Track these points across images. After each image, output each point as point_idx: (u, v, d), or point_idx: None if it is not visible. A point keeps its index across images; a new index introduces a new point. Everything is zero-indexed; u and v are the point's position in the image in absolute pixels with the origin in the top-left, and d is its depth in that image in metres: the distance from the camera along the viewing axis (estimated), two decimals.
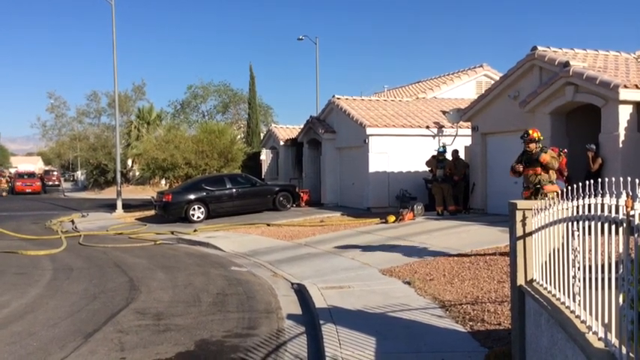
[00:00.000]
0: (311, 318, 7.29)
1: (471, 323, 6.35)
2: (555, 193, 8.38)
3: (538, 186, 9.56)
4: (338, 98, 22.62)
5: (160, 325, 7.13)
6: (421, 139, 20.15)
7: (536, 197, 9.27)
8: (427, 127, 20.44)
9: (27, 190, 46.37)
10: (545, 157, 9.59)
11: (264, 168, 30.47)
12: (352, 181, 21.50)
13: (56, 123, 53.56)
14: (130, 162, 51.26)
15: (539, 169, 9.59)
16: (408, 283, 8.57)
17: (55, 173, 68.87)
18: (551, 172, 9.59)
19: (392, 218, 15.98)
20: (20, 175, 51.18)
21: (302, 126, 26.30)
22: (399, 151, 19.96)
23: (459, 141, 19.70)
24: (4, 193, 40.68)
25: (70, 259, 12.68)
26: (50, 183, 59.46)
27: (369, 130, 19.73)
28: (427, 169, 17.92)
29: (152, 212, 22.52)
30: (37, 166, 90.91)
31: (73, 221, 22.29)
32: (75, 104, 71.85)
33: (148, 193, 38.03)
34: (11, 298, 8.68)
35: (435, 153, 17.44)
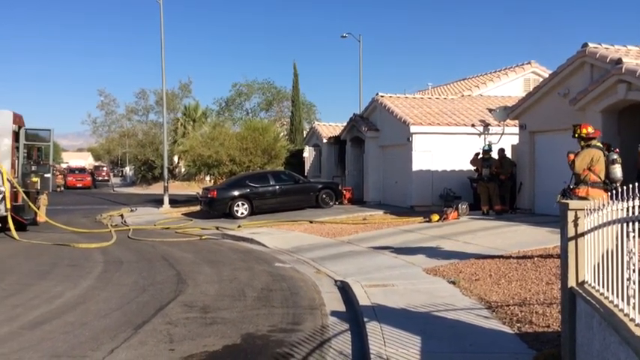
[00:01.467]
0: (355, 315, 7.30)
1: (518, 325, 6.24)
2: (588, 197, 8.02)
3: (572, 186, 9.18)
4: (382, 96, 22.53)
5: (207, 317, 7.27)
6: (466, 138, 19.90)
7: (563, 196, 8.95)
8: (472, 125, 20.16)
9: (78, 185, 48.00)
10: (570, 157, 9.20)
11: (307, 165, 30.62)
12: (395, 179, 21.39)
13: (106, 120, 55.05)
14: (176, 158, 52.28)
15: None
16: (453, 282, 8.48)
17: (105, 169, 70.96)
18: (585, 173, 9.00)
19: (436, 217, 15.83)
20: (71, 171, 52.99)
21: (345, 124, 26.32)
22: (443, 150, 19.75)
23: (506, 139, 19.36)
24: (59, 188, 41.67)
25: (120, 252, 13.05)
26: (100, 178, 61.32)
27: (412, 128, 19.59)
28: (472, 167, 17.68)
29: (197, 208, 22.96)
30: (87, 161, 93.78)
31: (122, 215, 22.92)
32: (124, 102, 73.69)
33: (193, 189, 38.71)
34: (64, 289, 9.00)
35: (480, 151, 17.19)
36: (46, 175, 17.68)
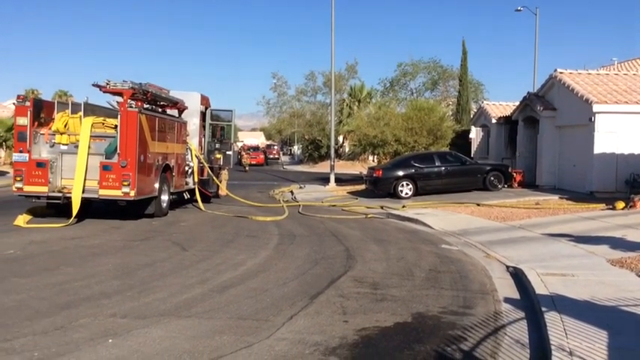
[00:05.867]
0: (530, 304, 6.98)
1: None
2: None
3: None
4: (560, 72, 20.97)
5: (377, 294, 7.43)
6: None
7: None
8: None
9: (252, 162, 51.68)
10: None
11: (474, 146, 29.66)
12: (573, 162, 19.90)
13: (278, 101, 58.16)
14: (340, 138, 53.73)
15: None
16: None
17: (276, 147, 75.19)
18: None
19: (621, 204, 14.50)
20: (247, 149, 57.21)
21: (517, 103, 25.00)
22: (631, 131, 17.96)
23: None
24: (246, 168, 43.21)
25: (292, 227, 13.79)
26: (271, 156, 65.27)
27: (595, 107, 18.01)
28: None
29: (362, 187, 23.42)
30: (259, 140, 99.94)
31: (292, 192, 24.16)
32: (294, 84, 76.99)
33: (356, 168, 39.58)
34: (246, 258, 9.74)
35: None
36: (227, 153, 19.21)
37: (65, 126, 13.44)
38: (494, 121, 27.16)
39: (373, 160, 37.44)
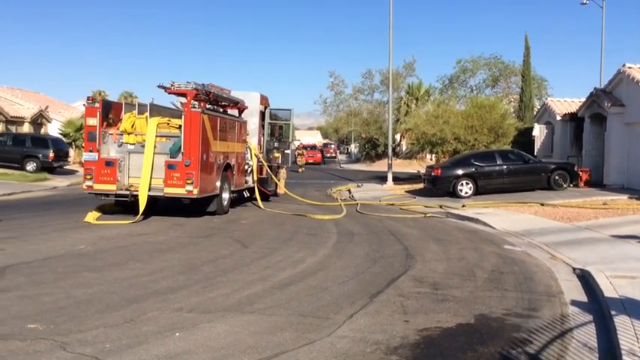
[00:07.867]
0: (599, 307, 6.75)
1: None
2: None
3: None
4: (629, 67, 20.12)
5: (438, 294, 7.35)
6: None
7: None
8: None
9: (309, 161, 52.16)
10: None
11: (537, 144, 28.81)
12: None
13: (335, 100, 58.27)
14: (398, 137, 53.34)
15: None
16: None
17: (332, 146, 75.40)
18: None
19: None
20: (304, 148, 57.74)
21: (582, 99, 24.14)
22: None
23: None
24: (300, 169, 41.45)
25: (351, 225, 13.81)
26: (328, 155, 65.53)
27: None
28: None
29: (420, 185, 23.20)
30: (316, 139, 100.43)
31: (349, 190, 24.20)
32: (352, 82, 76.89)
33: (414, 167, 39.18)
34: (305, 256, 9.83)
35: None
36: (286, 152, 19.45)
37: (132, 126, 13.92)
38: (558, 118, 26.31)
39: (431, 159, 36.96)
